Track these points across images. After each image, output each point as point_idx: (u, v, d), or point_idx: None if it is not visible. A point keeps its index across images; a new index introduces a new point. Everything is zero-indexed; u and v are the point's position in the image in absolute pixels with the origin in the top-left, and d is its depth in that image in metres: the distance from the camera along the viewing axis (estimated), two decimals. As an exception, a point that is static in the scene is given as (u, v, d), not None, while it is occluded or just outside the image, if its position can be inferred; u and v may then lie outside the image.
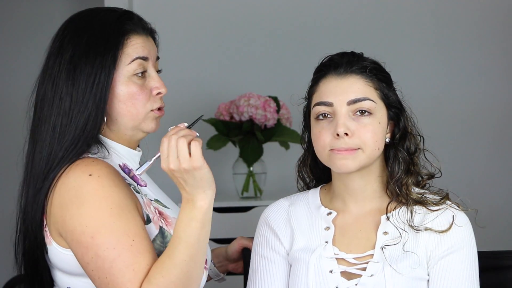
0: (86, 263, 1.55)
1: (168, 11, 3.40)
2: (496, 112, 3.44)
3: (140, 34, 1.68)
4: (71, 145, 1.60)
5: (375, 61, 1.74)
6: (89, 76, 1.61)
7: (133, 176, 1.68)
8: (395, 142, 1.72)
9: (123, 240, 1.53)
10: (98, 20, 1.66)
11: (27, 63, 3.95)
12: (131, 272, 1.52)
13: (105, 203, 1.55)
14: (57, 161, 1.60)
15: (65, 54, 1.64)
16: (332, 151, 1.66)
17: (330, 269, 1.68)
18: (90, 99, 1.61)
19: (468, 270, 1.67)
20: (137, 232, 1.55)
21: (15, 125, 3.94)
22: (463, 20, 3.45)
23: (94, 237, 1.53)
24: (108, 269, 1.52)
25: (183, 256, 1.53)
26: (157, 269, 1.52)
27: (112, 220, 1.54)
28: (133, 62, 1.65)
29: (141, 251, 1.54)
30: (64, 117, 1.61)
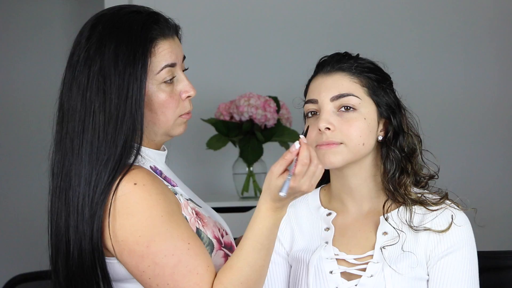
0: (142, 272, 1.53)
1: (168, 11, 3.39)
2: (496, 112, 3.44)
3: (166, 37, 1.63)
4: (115, 164, 1.56)
5: (371, 62, 1.76)
6: (121, 88, 1.57)
7: (165, 177, 1.66)
8: (387, 140, 1.73)
9: (179, 245, 1.52)
10: (123, 26, 1.60)
11: (28, 63, 3.96)
12: (196, 275, 1.51)
13: (155, 211, 1.53)
14: (104, 183, 1.55)
15: (93, 65, 1.58)
16: (317, 147, 1.69)
17: (330, 270, 1.69)
18: (126, 113, 1.56)
19: (467, 270, 1.67)
20: (190, 235, 1.55)
21: (15, 124, 3.95)
22: (461, 17, 3.45)
23: (150, 246, 1.52)
24: (170, 276, 1.51)
25: (262, 262, 1.54)
26: (235, 276, 1.52)
27: (165, 227, 1.52)
28: (162, 70, 1.61)
29: (198, 253, 1.53)
30: (101, 133, 1.56)
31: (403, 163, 1.73)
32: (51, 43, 3.87)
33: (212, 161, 3.39)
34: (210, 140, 3.14)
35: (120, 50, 1.58)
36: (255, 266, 1.53)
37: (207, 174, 3.47)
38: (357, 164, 1.72)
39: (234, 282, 1.52)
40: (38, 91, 3.88)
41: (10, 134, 3.98)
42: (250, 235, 1.54)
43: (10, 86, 3.95)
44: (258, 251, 1.53)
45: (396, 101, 1.75)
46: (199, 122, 3.25)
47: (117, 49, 1.58)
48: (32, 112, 3.88)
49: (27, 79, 3.92)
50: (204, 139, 3.17)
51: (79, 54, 1.60)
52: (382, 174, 1.73)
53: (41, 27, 3.92)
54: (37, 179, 3.69)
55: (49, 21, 3.92)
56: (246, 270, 1.52)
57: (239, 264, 1.53)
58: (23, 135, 3.92)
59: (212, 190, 3.48)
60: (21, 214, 3.77)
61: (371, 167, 1.73)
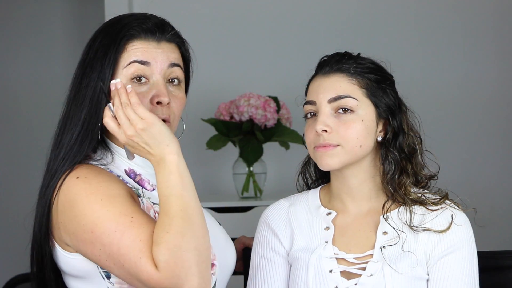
0: (98, 257, 1.54)
1: (168, 11, 3.39)
2: (497, 112, 3.44)
3: (147, 39, 1.64)
4: (69, 151, 1.61)
5: (372, 61, 1.76)
6: (91, 81, 1.62)
7: (139, 181, 1.67)
8: (387, 141, 1.73)
9: (121, 220, 1.53)
10: (112, 25, 1.66)
11: (28, 62, 3.95)
12: (139, 243, 1.50)
13: (94, 197, 1.55)
14: (60, 168, 1.61)
15: (80, 59, 1.66)
16: (315, 149, 1.70)
17: (329, 269, 1.69)
18: (85, 107, 1.61)
19: (467, 270, 1.67)
20: (134, 210, 1.55)
21: (15, 124, 3.95)
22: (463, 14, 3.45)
23: (94, 230, 1.53)
24: (117, 251, 1.51)
25: (177, 207, 1.52)
26: (159, 229, 1.51)
27: (105, 209, 1.54)
28: (129, 65, 1.62)
29: (142, 223, 1.53)
30: (68, 122, 1.63)
31: (403, 164, 1.73)
32: (51, 43, 3.87)
33: (212, 161, 3.39)
34: (210, 140, 3.14)
35: (100, 44, 1.63)
36: (170, 213, 1.51)
37: (207, 174, 3.47)
38: (356, 165, 1.72)
39: (160, 234, 1.50)
40: (38, 90, 3.88)
41: (10, 134, 3.97)
42: (157, 193, 1.56)
43: (10, 86, 3.94)
44: (166, 201, 1.52)
45: (396, 101, 1.75)
46: (199, 122, 3.25)
47: (100, 43, 1.63)
48: (32, 111, 3.88)
49: (27, 79, 3.92)
50: (204, 139, 3.17)
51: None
52: (382, 175, 1.73)
53: (41, 27, 3.92)
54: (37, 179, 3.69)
55: (49, 21, 3.92)
56: (164, 219, 1.51)
57: (159, 219, 1.52)
58: (23, 135, 3.92)
59: (212, 190, 3.48)
60: (21, 214, 3.77)
61: (370, 168, 1.74)
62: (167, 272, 1.47)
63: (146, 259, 1.48)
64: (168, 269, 1.47)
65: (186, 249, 1.49)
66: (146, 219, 1.54)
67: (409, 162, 1.73)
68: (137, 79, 1.63)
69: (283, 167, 3.36)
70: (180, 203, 1.52)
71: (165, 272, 1.47)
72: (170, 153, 1.54)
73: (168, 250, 1.47)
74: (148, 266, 1.48)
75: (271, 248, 1.78)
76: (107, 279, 1.60)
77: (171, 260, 1.47)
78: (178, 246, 1.48)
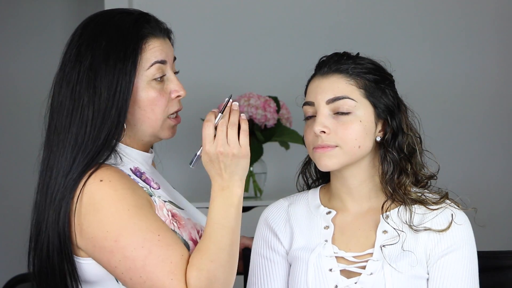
0: (114, 267, 1.54)
1: (168, 11, 3.40)
2: (497, 112, 3.44)
3: (157, 37, 1.65)
4: (95, 154, 1.58)
5: (371, 61, 1.75)
6: (110, 83, 1.59)
7: (145, 179, 1.67)
8: (385, 141, 1.72)
9: (148, 237, 1.52)
10: (115, 24, 1.63)
11: (28, 62, 3.95)
12: (169, 264, 1.52)
13: (121, 206, 1.54)
14: (80, 171, 1.58)
15: (84, 61, 1.61)
16: (314, 150, 1.70)
17: (329, 268, 1.69)
18: (113, 107, 1.58)
19: (467, 269, 1.67)
20: (160, 227, 1.55)
21: (15, 124, 3.95)
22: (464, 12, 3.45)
23: (118, 240, 1.52)
24: (142, 268, 1.51)
25: (227, 240, 1.55)
26: (204, 255, 1.53)
27: (132, 221, 1.53)
28: (152, 67, 1.63)
29: (170, 243, 1.54)
30: (88, 127, 1.59)
31: (402, 164, 1.72)
32: (51, 43, 3.87)
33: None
34: (210, 140, 3.13)
35: (111, 47, 1.60)
36: (220, 244, 1.54)
37: (207, 174, 3.47)
38: (355, 165, 1.72)
39: (204, 262, 1.52)
40: (38, 90, 3.87)
41: (11, 134, 3.97)
42: (208, 218, 1.58)
43: (10, 85, 3.94)
44: (219, 230, 1.55)
45: (395, 101, 1.74)
46: (199, 122, 3.25)
47: (108, 45, 1.60)
48: (32, 111, 3.88)
49: (27, 79, 3.92)
50: (204, 139, 3.17)
51: (71, 51, 1.63)
52: (380, 175, 1.73)
53: (41, 27, 3.92)
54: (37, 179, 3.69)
55: (49, 21, 3.92)
56: (213, 248, 1.53)
57: (205, 245, 1.54)
58: (23, 134, 3.91)
59: (212, 190, 3.47)
60: (21, 214, 3.77)
61: (369, 168, 1.73)
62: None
63: (178, 281, 1.51)
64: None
65: (221, 283, 1.54)
66: (172, 239, 1.55)
67: (409, 162, 1.73)
68: (160, 78, 1.65)
69: (283, 167, 3.36)
70: (232, 238, 1.56)
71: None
72: (239, 187, 1.60)
73: (207, 280, 1.52)
74: (179, 286, 1.51)
75: (271, 248, 1.78)
76: (120, 283, 1.59)
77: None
78: (217, 278, 1.53)
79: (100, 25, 1.64)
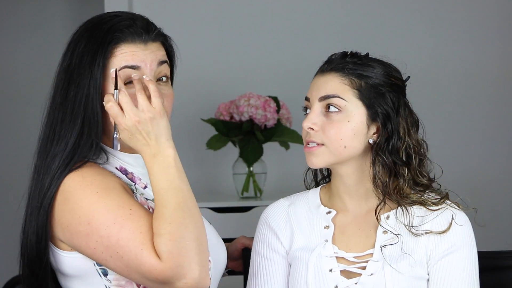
0: (93, 249, 1.54)
1: (168, 10, 3.40)
2: (497, 112, 3.44)
3: (134, 42, 1.62)
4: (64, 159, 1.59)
5: (381, 63, 1.73)
6: (80, 87, 1.60)
7: (131, 178, 1.67)
8: (376, 145, 1.70)
9: (120, 212, 1.53)
10: (97, 28, 1.63)
11: (27, 62, 3.95)
12: (139, 235, 1.52)
13: (89, 190, 1.55)
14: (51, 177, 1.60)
15: (63, 63, 1.63)
16: (304, 145, 1.72)
17: (329, 268, 1.69)
18: (81, 111, 1.59)
19: (468, 270, 1.67)
20: (132, 202, 1.56)
21: (15, 124, 3.95)
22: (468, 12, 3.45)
23: (91, 222, 1.53)
24: (116, 243, 1.52)
25: (177, 199, 1.54)
26: (161, 221, 1.52)
27: (102, 201, 1.54)
28: (119, 71, 1.61)
29: (141, 215, 1.54)
30: (57, 128, 1.61)
31: (398, 168, 1.70)
32: (51, 43, 3.87)
33: (212, 161, 3.39)
34: (210, 140, 3.14)
35: (86, 50, 1.61)
36: (172, 205, 1.53)
37: (207, 174, 3.47)
38: (348, 165, 1.71)
39: (162, 225, 1.51)
40: (38, 90, 3.87)
41: (10, 134, 3.97)
42: (152, 185, 1.56)
43: (10, 85, 3.94)
44: (165, 193, 1.54)
45: (395, 106, 1.71)
46: (199, 122, 3.25)
47: (85, 48, 1.61)
48: (32, 111, 3.87)
49: (27, 79, 3.92)
50: (204, 139, 3.17)
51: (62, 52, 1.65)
52: (372, 178, 1.71)
53: (41, 27, 3.92)
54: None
55: (49, 21, 3.92)
56: (166, 212, 1.52)
57: (158, 211, 1.53)
58: (23, 134, 3.91)
59: (212, 190, 3.47)
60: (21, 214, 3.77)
61: (365, 169, 1.72)
62: (170, 262, 1.49)
63: (148, 251, 1.50)
64: (171, 259, 1.49)
65: (188, 239, 1.51)
66: (144, 211, 1.55)
67: (405, 167, 1.71)
68: (130, 83, 1.62)
69: (283, 167, 3.36)
70: (181, 196, 1.54)
71: (168, 262, 1.49)
72: (169, 147, 1.56)
73: (171, 241, 1.49)
74: (150, 257, 1.50)
75: (271, 248, 1.78)
76: (104, 277, 1.60)
77: (175, 250, 1.49)
78: (181, 236, 1.50)
79: (87, 27, 1.65)
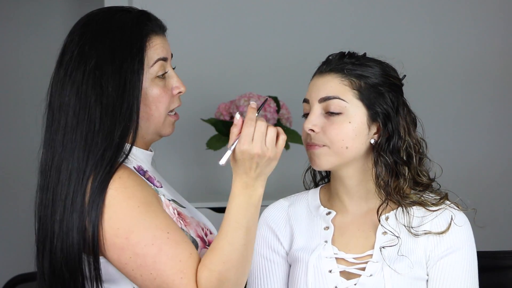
0: (124, 264, 1.54)
1: (168, 10, 3.39)
2: (497, 112, 3.44)
3: (158, 34, 1.66)
4: (111, 154, 1.56)
5: (378, 63, 1.73)
6: (118, 82, 1.58)
7: (148, 178, 1.67)
8: (378, 145, 1.70)
9: (158, 234, 1.53)
10: (117, 23, 1.63)
11: (27, 62, 3.95)
12: (178, 263, 1.52)
13: (132, 202, 1.54)
14: (101, 177, 1.55)
15: (88, 61, 1.59)
16: (306, 147, 1.72)
17: (329, 269, 1.68)
18: (123, 106, 1.57)
19: (467, 270, 1.67)
20: (168, 224, 1.55)
21: (14, 123, 3.95)
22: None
23: (129, 237, 1.52)
24: (152, 265, 1.52)
25: (243, 241, 1.54)
26: (217, 256, 1.53)
27: (142, 218, 1.53)
28: (155, 64, 1.63)
29: (179, 242, 1.54)
30: (97, 125, 1.57)
31: (399, 168, 1.71)
32: (51, 43, 3.87)
33: (212, 161, 3.39)
34: (210, 140, 3.14)
35: (115, 46, 1.60)
36: (235, 245, 1.54)
37: (207, 174, 3.47)
38: (350, 166, 1.71)
39: (216, 262, 1.52)
40: (38, 90, 3.87)
41: (9, 133, 3.97)
42: (227, 215, 1.56)
43: (9, 85, 3.94)
44: (236, 230, 1.54)
45: (394, 105, 1.71)
46: (199, 122, 3.25)
47: (112, 44, 1.60)
48: (31, 110, 3.88)
49: (27, 78, 3.92)
50: (204, 139, 3.17)
51: (72, 51, 1.62)
52: (374, 178, 1.71)
53: (41, 26, 3.92)
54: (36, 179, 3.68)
55: (49, 21, 3.92)
56: (227, 249, 1.53)
57: (219, 244, 1.54)
58: (21, 134, 3.92)
59: (212, 190, 3.48)
60: (21, 214, 3.77)
61: (366, 170, 1.72)
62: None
63: (188, 279, 1.52)
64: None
65: (232, 284, 1.54)
66: (180, 236, 1.55)
67: (406, 167, 1.71)
68: (162, 75, 1.65)
69: (283, 167, 3.34)
70: (247, 238, 1.56)
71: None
72: (262, 187, 1.59)
73: (218, 280, 1.52)
74: (189, 286, 1.51)
75: (271, 248, 1.78)
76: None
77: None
78: (228, 279, 1.53)
79: (101, 23, 1.63)
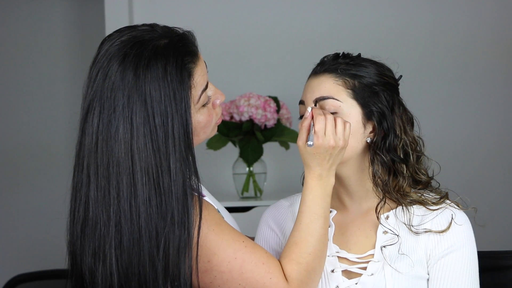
0: (209, 283, 1.55)
1: (168, 11, 3.40)
2: (496, 112, 3.45)
3: (197, 63, 1.59)
4: (185, 180, 1.55)
5: (373, 63, 1.73)
6: (168, 124, 1.50)
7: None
8: (374, 143, 1.71)
9: (237, 247, 1.55)
10: (156, 57, 1.52)
11: (27, 62, 3.95)
12: (262, 266, 1.55)
13: (206, 228, 1.54)
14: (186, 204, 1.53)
15: (140, 93, 1.50)
16: None
17: (331, 268, 1.69)
18: (185, 144, 1.53)
19: (468, 269, 1.67)
20: (238, 233, 1.58)
21: (15, 125, 3.95)
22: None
23: (211, 260, 1.54)
24: (239, 276, 1.54)
25: (322, 230, 1.60)
26: (303, 248, 1.57)
27: (220, 238, 1.54)
28: (200, 97, 1.58)
29: (253, 246, 1.57)
30: (166, 162, 1.51)
31: (397, 166, 1.71)
32: (51, 43, 3.87)
33: (212, 161, 3.39)
34: (210, 140, 3.14)
35: (162, 89, 1.51)
36: (317, 235, 1.59)
37: (207, 174, 3.46)
38: (347, 165, 1.71)
39: (303, 255, 1.57)
40: (38, 90, 3.88)
41: (11, 134, 3.97)
42: (303, 208, 1.61)
43: (9, 86, 3.94)
44: (315, 221, 1.60)
45: (389, 104, 1.71)
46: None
47: (160, 88, 1.51)
48: (32, 112, 3.88)
49: (27, 79, 3.92)
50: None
51: (113, 80, 1.51)
52: (371, 177, 1.72)
53: (41, 27, 3.92)
54: (37, 181, 3.68)
55: (49, 21, 3.92)
56: (311, 240, 1.58)
57: (302, 238, 1.58)
58: (23, 136, 3.92)
59: (212, 190, 3.46)
60: (21, 214, 3.77)
61: (364, 169, 1.73)
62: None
63: (276, 277, 1.55)
64: (300, 286, 1.56)
65: (318, 273, 1.59)
66: (250, 241, 1.58)
67: (404, 165, 1.72)
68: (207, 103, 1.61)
69: (283, 167, 3.36)
70: (325, 228, 1.61)
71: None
72: (333, 176, 1.63)
73: (306, 271, 1.56)
74: (279, 282, 1.55)
75: (272, 248, 1.78)
76: None
77: (305, 280, 1.57)
78: (314, 269, 1.58)
79: (140, 55, 1.52)
